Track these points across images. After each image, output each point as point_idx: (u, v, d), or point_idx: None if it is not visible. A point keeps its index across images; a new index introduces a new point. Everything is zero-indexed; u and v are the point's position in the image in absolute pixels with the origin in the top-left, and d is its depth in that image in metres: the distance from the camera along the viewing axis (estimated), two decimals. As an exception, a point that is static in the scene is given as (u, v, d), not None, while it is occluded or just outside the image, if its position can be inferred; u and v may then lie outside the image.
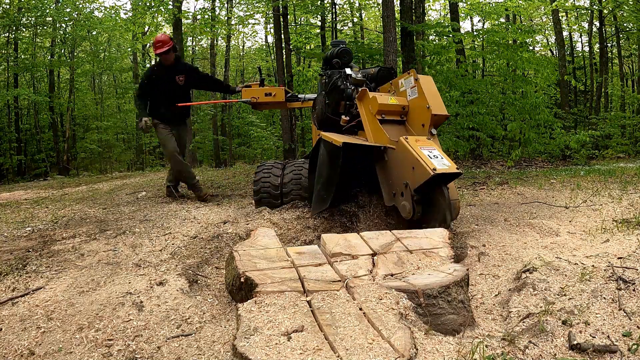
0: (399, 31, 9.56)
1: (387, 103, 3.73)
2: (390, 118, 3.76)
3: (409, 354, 1.64)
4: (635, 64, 21.73)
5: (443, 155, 3.27)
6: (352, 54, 4.28)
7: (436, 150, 3.31)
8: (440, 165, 3.13)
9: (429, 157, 3.21)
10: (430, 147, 3.34)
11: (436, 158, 3.22)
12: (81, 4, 16.31)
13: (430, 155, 3.24)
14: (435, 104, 3.64)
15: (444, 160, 3.21)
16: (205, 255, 3.25)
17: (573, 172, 6.68)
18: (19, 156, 16.37)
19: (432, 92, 3.72)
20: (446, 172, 3.11)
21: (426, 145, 3.36)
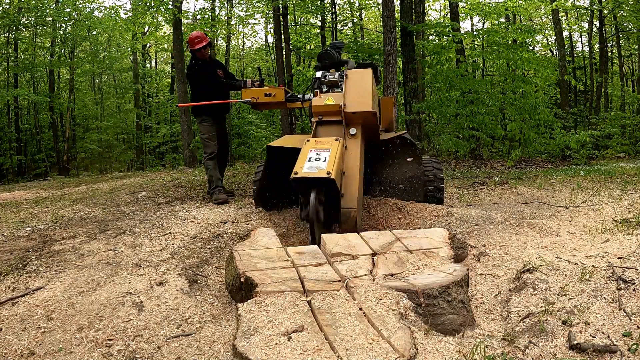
0: (399, 31, 9.57)
1: (321, 104, 3.63)
2: (329, 119, 3.65)
3: (409, 354, 1.64)
4: (635, 64, 21.72)
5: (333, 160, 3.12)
6: (333, 56, 4.21)
7: (327, 153, 3.18)
8: (308, 169, 3.06)
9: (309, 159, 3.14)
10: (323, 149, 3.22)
11: (317, 161, 3.12)
12: (81, 4, 16.31)
13: (313, 158, 3.15)
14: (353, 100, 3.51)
15: (321, 165, 3.08)
16: (205, 255, 3.25)
17: (573, 172, 6.69)
18: (19, 156, 16.37)
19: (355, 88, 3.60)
20: (305, 176, 3.02)
21: (321, 148, 3.24)
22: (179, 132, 15.60)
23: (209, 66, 5.31)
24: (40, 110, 17.73)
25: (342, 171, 3.30)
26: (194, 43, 5.22)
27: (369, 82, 3.63)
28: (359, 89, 3.60)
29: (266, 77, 18.29)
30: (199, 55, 5.27)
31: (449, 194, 5.36)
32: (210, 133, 5.26)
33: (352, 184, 3.28)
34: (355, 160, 3.38)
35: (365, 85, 3.61)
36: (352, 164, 3.36)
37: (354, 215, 3.20)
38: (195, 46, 5.21)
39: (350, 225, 3.18)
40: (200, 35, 5.27)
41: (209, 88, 5.23)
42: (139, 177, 8.72)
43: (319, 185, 3.08)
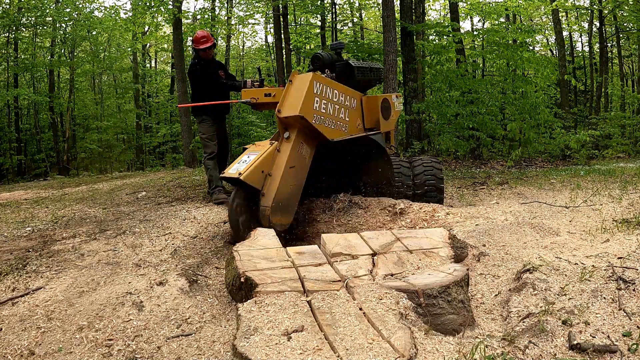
0: (399, 31, 9.56)
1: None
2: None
3: (409, 353, 1.64)
4: (635, 64, 21.71)
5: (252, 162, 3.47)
6: (321, 59, 4.29)
7: (254, 155, 3.55)
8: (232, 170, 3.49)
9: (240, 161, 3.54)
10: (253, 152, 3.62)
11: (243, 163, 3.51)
12: (81, 4, 16.30)
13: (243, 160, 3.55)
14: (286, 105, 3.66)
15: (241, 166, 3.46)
16: (205, 255, 3.25)
17: (573, 172, 6.68)
18: (19, 156, 16.35)
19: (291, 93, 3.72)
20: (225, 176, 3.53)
21: (256, 151, 3.64)
22: (179, 132, 15.59)
23: (210, 66, 5.32)
24: (40, 110, 17.72)
25: (269, 172, 3.55)
26: (199, 42, 5.23)
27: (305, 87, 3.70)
28: (294, 93, 3.71)
29: (266, 77, 18.29)
30: (202, 54, 5.28)
31: (449, 194, 5.36)
32: (210, 133, 5.26)
33: (274, 185, 3.53)
34: (282, 162, 3.58)
35: (300, 89, 3.71)
36: (279, 166, 3.58)
37: (267, 213, 3.46)
38: (200, 45, 5.22)
39: (266, 223, 3.44)
40: (206, 35, 5.29)
41: (210, 88, 5.23)
42: (139, 177, 8.71)
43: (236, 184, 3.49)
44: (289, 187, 3.61)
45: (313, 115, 3.66)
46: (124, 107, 20.74)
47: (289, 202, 3.61)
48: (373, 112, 4.46)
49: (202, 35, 5.28)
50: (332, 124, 3.85)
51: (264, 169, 3.51)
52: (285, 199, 3.56)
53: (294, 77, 3.79)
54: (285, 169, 3.54)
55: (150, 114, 20.92)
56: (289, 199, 3.62)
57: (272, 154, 3.58)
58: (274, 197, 3.46)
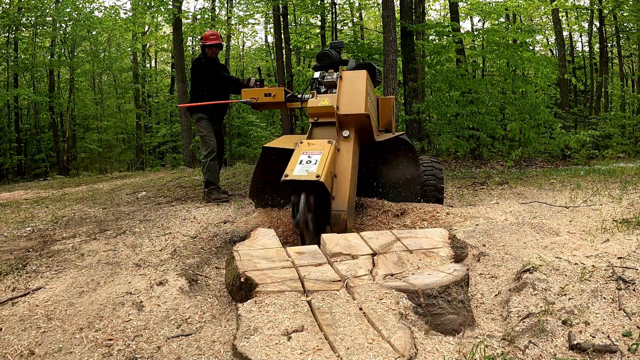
0: (399, 31, 9.56)
1: (316, 105, 3.63)
2: (324, 120, 3.65)
3: (409, 353, 1.64)
4: (635, 63, 21.71)
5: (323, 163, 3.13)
6: (332, 56, 4.21)
7: (318, 157, 3.18)
8: (298, 172, 3.07)
9: (300, 162, 3.14)
10: (315, 152, 3.22)
11: (307, 164, 3.12)
12: (81, 3, 16.30)
13: (304, 160, 3.15)
14: (346, 103, 3.51)
15: (312, 168, 3.09)
16: (205, 255, 3.25)
17: (573, 172, 6.68)
18: (19, 156, 16.36)
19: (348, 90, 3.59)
20: (295, 179, 3.04)
21: (312, 150, 3.25)
22: (179, 132, 15.60)
23: (214, 64, 5.37)
24: (40, 110, 17.73)
25: (334, 174, 3.30)
26: (208, 39, 5.33)
27: (362, 84, 3.61)
28: (352, 90, 3.58)
29: (266, 77, 18.29)
30: (208, 51, 5.36)
31: (449, 194, 5.36)
32: (208, 130, 5.27)
33: (343, 187, 3.27)
34: (347, 162, 3.37)
35: (358, 86, 3.59)
36: (344, 167, 3.35)
37: (344, 217, 3.20)
38: (207, 42, 5.32)
39: (341, 228, 3.17)
40: (216, 34, 5.43)
41: (211, 84, 5.26)
42: (139, 177, 8.71)
43: (308, 188, 3.08)
44: (354, 189, 3.45)
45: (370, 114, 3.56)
46: (124, 107, 20.76)
47: (354, 204, 3.48)
48: (387, 113, 4.47)
49: (211, 33, 5.43)
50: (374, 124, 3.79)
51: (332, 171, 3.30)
52: (353, 201, 3.42)
53: (343, 73, 3.69)
54: (352, 171, 3.38)
55: (150, 114, 20.93)
56: (354, 201, 3.49)
57: (334, 153, 3.33)
58: (348, 200, 3.23)
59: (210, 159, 5.24)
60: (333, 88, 3.90)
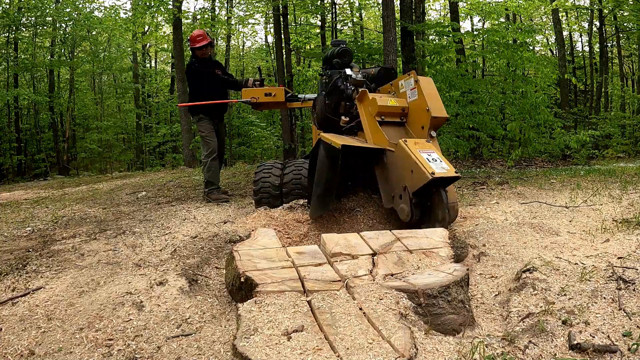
0: (399, 31, 9.56)
1: (386, 105, 3.72)
2: (390, 120, 3.75)
3: (409, 353, 1.64)
4: (635, 63, 21.71)
5: (442, 159, 3.29)
6: (352, 54, 4.28)
7: (435, 154, 3.33)
8: (438, 169, 3.15)
9: (428, 160, 3.22)
10: (429, 150, 3.35)
11: (435, 161, 3.22)
12: (81, 3, 16.30)
13: (429, 158, 3.25)
14: (435, 106, 3.63)
15: (443, 164, 3.22)
16: (205, 255, 3.25)
17: (573, 172, 6.68)
18: (19, 156, 16.36)
19: (431, 94, 3.71)
20: (444, 176, 3.13)
21: (425, 149, 3.37)
22: (179, 132, 15.59)
23: (207, 65, 5.32)
24: (40, 110, 17.73)
25: None
26: (195, 41, 5.24)
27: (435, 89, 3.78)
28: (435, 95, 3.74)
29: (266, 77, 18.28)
30: (198, 53, 5.29)
31: (449, 193, 5.35)
32: (209, 130, 5.26)
33: None
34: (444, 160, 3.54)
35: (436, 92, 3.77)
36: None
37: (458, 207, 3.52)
38: (196, 44, 5.23)
39: (454, 218, 3.50)
40: (201, 34, 5.29)
41: (208, 86, 5.24)
42: (139, 177, 8.72)
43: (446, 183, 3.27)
44: None
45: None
46: (124, 107, 20.75)
47: None
48: None
49: (197, 34, 5.30)
50: None
51: None
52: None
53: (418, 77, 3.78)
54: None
55: (150, 113, 20.92)
56: None
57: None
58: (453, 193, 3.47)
59: (211, 158, 5.24)
60: (359, 87, 3.95)
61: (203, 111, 5.23)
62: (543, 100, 9.88)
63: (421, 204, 3.30)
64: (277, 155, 16.27)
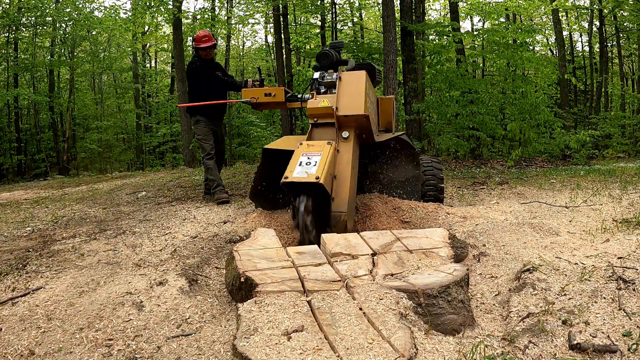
0: (399, 31, 9.56)
1: (315, 107, 3.62)
2: (324, 121, 3.64)
3: (409, 353, 1.64)
4: (635, 63, 21.71)
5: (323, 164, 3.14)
6: (331, 57, 4.21)
7: (318, 158, 3.20)
8: (297, 173, 3.09)
9: (300, 164, 3.16)
10: (315, 153, 3.24)
11: (307, 165, 3.14)
12: (81, 3, 16.30)
13: (304, 162, 3.18)
14: (345, 104, 3.50)
15: (311, 169, 3.11)
16: (205, 255, 3.24)
17: (573, 172, 6.68)
18: (19, 156, 16.36)
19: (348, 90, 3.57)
20: (296, 181, 3.06)
21: (313, 152, 3.26)
22: (179, 132, 15.60)
23: (209, 66, 5.34)
24: (40, 110, 17.73)
25: (334, 175, 3.31)
26: (201, 41, 5.26)
27: (362, 84, 3.59)
28: (352, 91, 3.57)
29: (266, 77, 18.28)
30: (202, 54, 5.31)
31: (449, 194, 5.36)
32: (205, 134, 5.26)
33: (343, 188, 3.28)
34: (347, 163, 3.37)
35: (358, 87, 3.57)
36: (343, 168, 3.36)
37: (344, 218, 3.21)
38: (201, 44, 5.25)
39: (341, 229, 3.18)
40: (208, 35, 5.33)
41: (208, 87, 5.24)
42: (139, 177, 8.72)
43: (308, 189, 3.11)
44: (354, 189, 3.46)
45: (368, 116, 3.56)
46: (124, 107, 20.75)
47: (354, 205, 3.49)
48: (387, 113, 4.47)
49: (203, 34, 5.31)
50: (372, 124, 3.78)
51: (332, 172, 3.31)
52: (353, 202, 3.43)
53: (343, 74, 3.69)
54: (352, 172, 3.38)
55: (150, 113, 20.93)
56: (354, 202, 3.49)
57: (334, 155, 3.35)
58: (347, 201, 3.25)
59: (208, 158, 5.26)
60: (333, 88, 3.89)
61: (200, 113, 5.24)
62: (543, 100, 9.88)
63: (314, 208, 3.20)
64: (277, 155, 16.22)
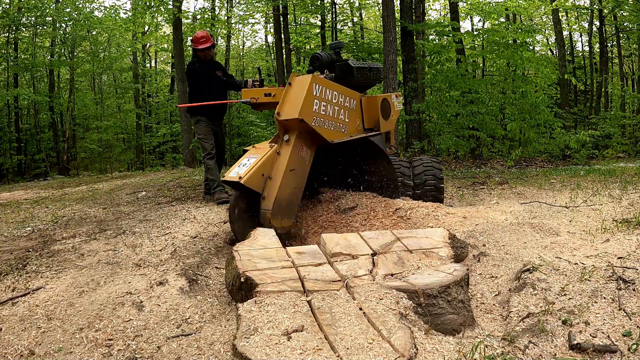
0: (399, 31, 9.56)
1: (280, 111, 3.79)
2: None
3: (409, 353, 1.64)
4: (635, 63, 21.71)
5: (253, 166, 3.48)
6: (321, 59, 4.29)
7: (254, 159, 3.54)
8: (232, 173, 3.50)
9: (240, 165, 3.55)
10: (254, 155, 3.60)
11: (243, 166, 3.51)
12: (81, 3, 16.30)
13: (243, 163, 3.55)
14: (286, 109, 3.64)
15: (241, 170, 3.47)
16: (205, 255, 3.24)
17: (573, 172, 6.68)
18: (19, 156, 16.36)
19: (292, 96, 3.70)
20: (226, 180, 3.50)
21: (253, 153, 3.64)
22: (179, 132, 15.60)
23: (208, 66, 5.33)
24: (40, 110, 17.73)
25: (268, 175, 3.57)
26: (199, 42, 5.25)
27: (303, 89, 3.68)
28: (294, 96, 3.68)
29: (266, 77, 18.29)
30: (200, 55, 5.29)
31: (449, 194, 5.36)
32: (205, 133, 5.27)
33: (274, 188, 3.54)
34: (282, 165, 3.58)
35: (299, 92, 3.68)
36: (279, 169, 3.58)
37: (268, 216, 3.47)
38: (199, 45, 5.24)
39: (267, 225, 3.43)
40: (205, 35, 5.31)
41: (208, 88, 5.24)
42: (139, 177, 8.71)
43: (237, 187, 3.50)
44: (290, 190, 3.62)
45: (313, 118, 3.66)
46: (124, 107, 20.75)
47: (289, 205, 3.63)
48: (372, 112, 4.45)
49: (201, 35, 5.30)
50: (331, 126, 3.85)
51: (264, 172, 3.53)
52: (286, 202, 3.58)
53: (292, 79, 3.79)
54: (286, 172, 3.55)
55: (150, 113, 20.93)
56: (290, 202, 3.63)
57: (272, 156, 3.59)
58: (275, 200, 3.47)
59: (208, 158, 5.27)
60: None
61: (202, 112, 5.24)
62: (543, 100, 9.88)
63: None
64: (277, 155, 16.22)
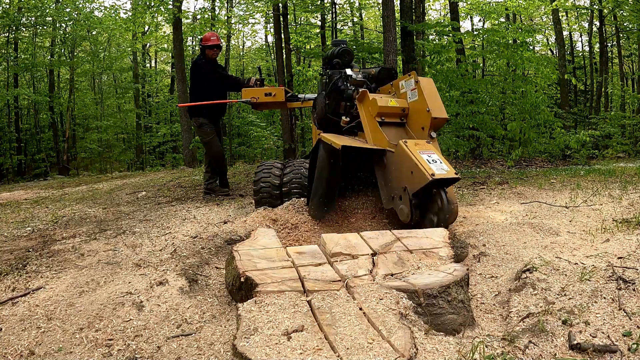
0: (399, 31, 9.56)
1: (386, 105, 3.73)
2: (390, 120, 3.76)
3: (409, 353, 1.64)
4: (635, 63, 21.71)
5: (442, 160, 3.29)
6: (352, 54, 4.29)
7: (435, 155, 3.33)
8: (438, 170, 3.16)
9: (428, 161, 3.23)
10: (430, 151, 3.36)
11: (435, 162, 3.23)
12: (81, 3, 16.30)
13: (429, 159, 3.26)
14: (435, 106, 3.64)
15: (443, 165, 3.23)
16: (205, 255, 3.24)
17: (573, 172, 6.68)
18: (19, 156, 16.37)
19: (432, 94, 3.72)
20: (444, 177, 3.14)
21: (425, 149, 3.38)
22: (179, 132, 15.60)
23: (213, 65, 5.39)
24: (40, 110, 17.74)
25: None
26: (208, 40, 5.38)
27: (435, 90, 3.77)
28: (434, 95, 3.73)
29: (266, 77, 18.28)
30: (209, 52, 5.39)
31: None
32: (211, 136, 5.35)
33: None
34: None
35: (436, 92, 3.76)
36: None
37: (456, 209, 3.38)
38: (208, 42, 5.36)
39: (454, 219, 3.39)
40: (216, 35, 5.49)
41: (211, 85, 5.27)
42: (139, 177, 8.72)
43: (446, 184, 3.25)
44: None
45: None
46: (124, 107, 20.76)
47: None
48: None
49: (212, 34, 5.47)
50: None
51: None
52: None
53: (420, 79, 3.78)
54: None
55: (150, 113, 20.93)
56: None
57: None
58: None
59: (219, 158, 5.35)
60: (360, 87, 3.96)
61: (202, 115, 5.26)
62: (543, 100, 9.88)
63: (421, 205, 3.31)
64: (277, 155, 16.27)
